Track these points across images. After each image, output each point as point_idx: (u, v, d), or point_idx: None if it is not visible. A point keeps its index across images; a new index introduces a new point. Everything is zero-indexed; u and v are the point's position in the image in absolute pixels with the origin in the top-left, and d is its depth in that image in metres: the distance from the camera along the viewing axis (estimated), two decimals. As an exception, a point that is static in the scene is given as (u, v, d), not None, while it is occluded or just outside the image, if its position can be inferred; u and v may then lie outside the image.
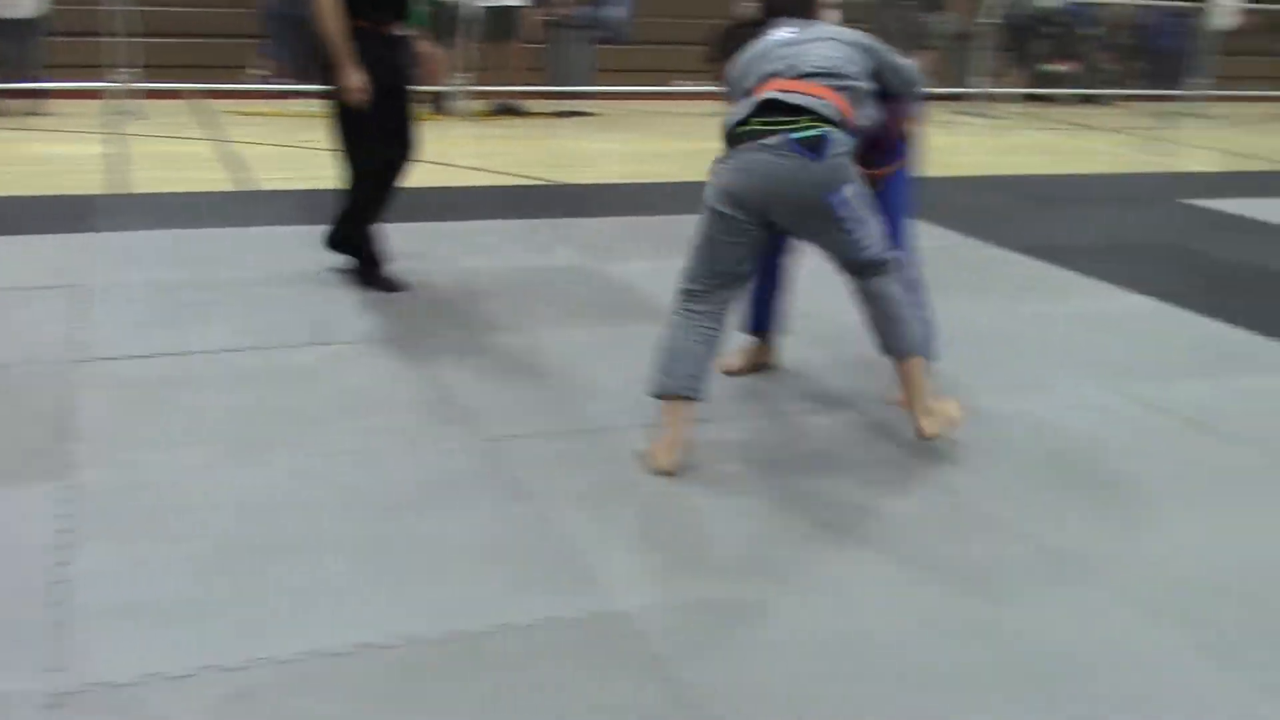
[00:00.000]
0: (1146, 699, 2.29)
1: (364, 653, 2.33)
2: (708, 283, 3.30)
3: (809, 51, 3.29)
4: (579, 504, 2.98)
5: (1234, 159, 9.61)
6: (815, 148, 3.14)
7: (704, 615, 2.51)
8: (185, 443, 3.25)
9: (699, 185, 3.40)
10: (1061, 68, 12.84)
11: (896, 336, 3.34)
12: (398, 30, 4.57)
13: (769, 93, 3.21)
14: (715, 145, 3.35)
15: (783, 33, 3.39)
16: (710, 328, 3.29)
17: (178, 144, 8.09)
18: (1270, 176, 8.69)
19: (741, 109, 3.25)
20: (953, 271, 5.37)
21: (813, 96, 3.18)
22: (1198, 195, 7.64)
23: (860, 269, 3.30)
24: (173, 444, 3.23)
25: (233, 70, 10.16)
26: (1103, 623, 2.56)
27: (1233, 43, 13.36)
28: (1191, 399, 3.90)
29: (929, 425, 3.32)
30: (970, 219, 6.45)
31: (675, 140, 9.35)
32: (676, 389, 3.24)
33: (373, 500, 2.96)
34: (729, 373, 3.89)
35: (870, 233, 3.27)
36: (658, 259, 5.40)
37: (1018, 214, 6.84)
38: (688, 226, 6.28)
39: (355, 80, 4.38)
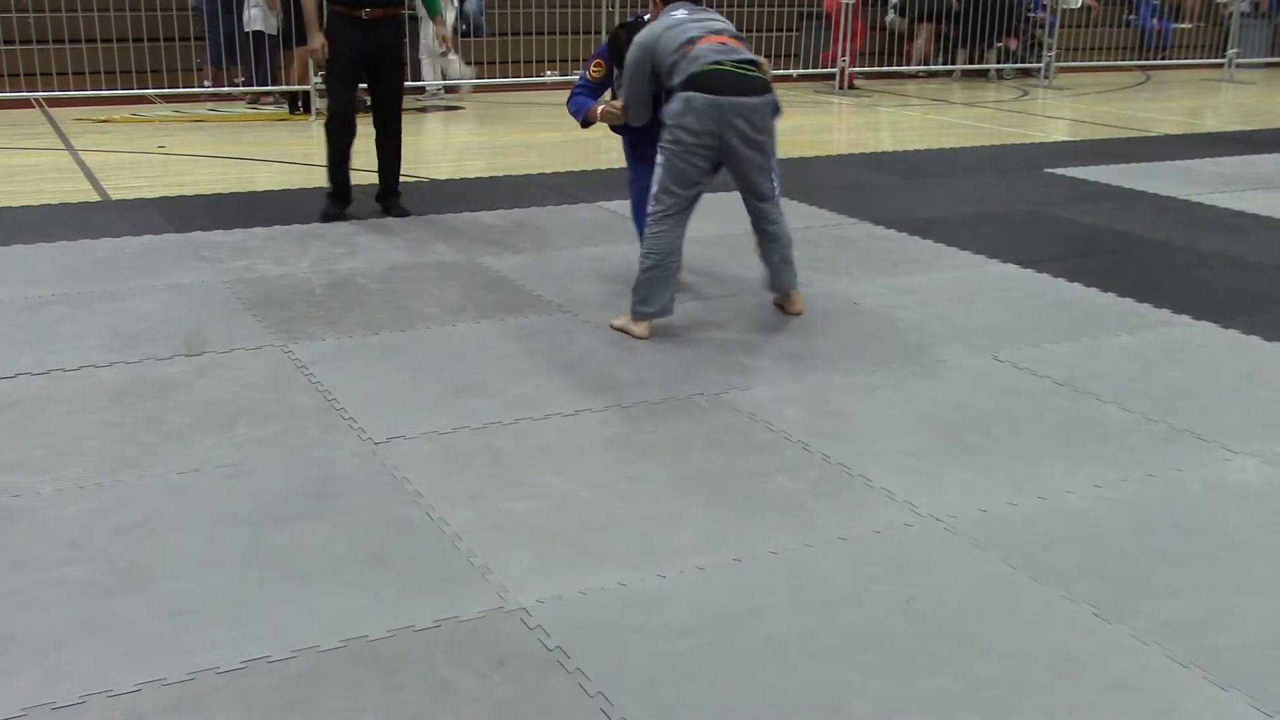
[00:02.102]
0: (1023, 651, 2.37)
1: (257, 667, 2.28)
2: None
3: (714, 19, 4.25)
4: (467, 502, 2.97)
5: (1085, 127, 9.95)
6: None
7: (601, 604, 2.52)
8: (54, 465, 3.13)
9: (569, 175, 3.40)
10: (1012, 44, 13.18)
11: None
12: (372, 15, 5.63)
13: (715, 44, 4.10)
14: (583, 134, 3.36)
15: (683, 13, 4.23)
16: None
17: (25, 155, 7.79)
18: (1118, 143, 9.02)
19: (701, 58, 4.06)
20: (829, 250, 5.47)
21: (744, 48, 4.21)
22: (1055, 164, 7.91)
23: (766, 198, 4.29)
24: (41, 467, 3.12)
25: (78, 77, 9.82)
26: (982, 582, 2.64)
27: (1074, 18, 13.93)
28: (1058, 360, 4.04)
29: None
30: (842, 197, 6.58)
31: (543, 131, 9.32)
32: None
33: (252, 513, 2.90)
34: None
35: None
36: (534, 251, 5.39)
37: (887, 190, 6.99)
38: (562, 217, 6.28)
39: (314, 43, 5.80)
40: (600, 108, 4.52)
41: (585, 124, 4.66)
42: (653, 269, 4.16)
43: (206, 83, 10.34)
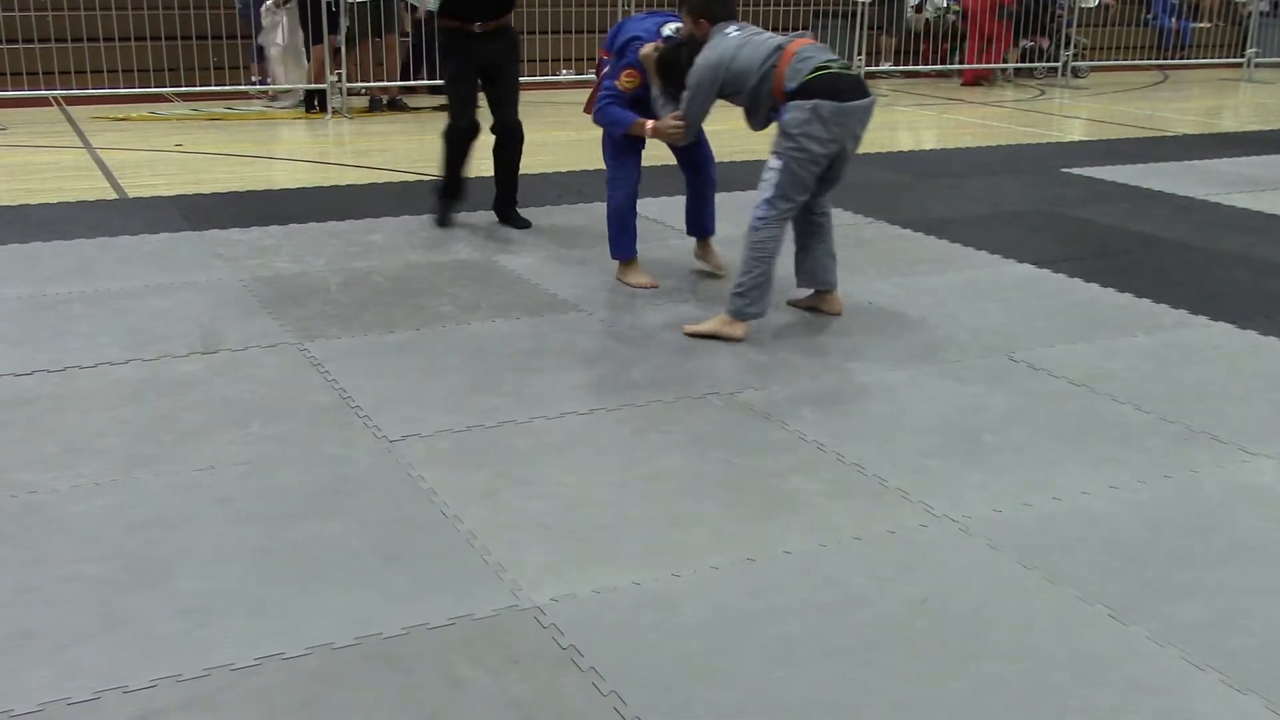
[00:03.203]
0: (1039, 653, 2.36)
1: (272, 664, 2.29)
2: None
3: (770, 34, 4.22)
4: (481, 500, 2.97)
5: (1102, 127, 9.91)
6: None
7: (615, 603, 2.52)
8: (70, 462, 3.15)
9: (585, 174, 3.40)
10: (1043, 44, 13.13)
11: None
12: (485, 28, 5.53)
13: (810, 45, 4.12)
14: (598, 133, 3.35)
15: (736, 30, 4.22)
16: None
17: (43, 153, 7.83)
18: (1135, 142, 8.98)
19: (811, 58, 4.06)
20: (845, 250, 5.44)
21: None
22: (1072, 164, 7.88)
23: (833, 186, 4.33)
24: (58, 464, 3.14)
25: (96, 75, 9.86)
26: (997, 583, 2.63)
27: (1091, 17, 13.89)
28: (1074, 361, 4.03)
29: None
30: (858, 197, 6.56)
31: (559, 130, 9.32)
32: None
33: (267, 511, 2.90)
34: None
35: None
36: (551, 249, 5.39)
37: (903, 190, 6.97)
38: (577, 216, 6.26)
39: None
40: (651, 124, 4.49)
41: (623, 135, 4.65)
42: (764, 273, 4.15)
43: (255, 79, 10.37)
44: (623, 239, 4.84)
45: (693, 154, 4.90)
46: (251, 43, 10.41)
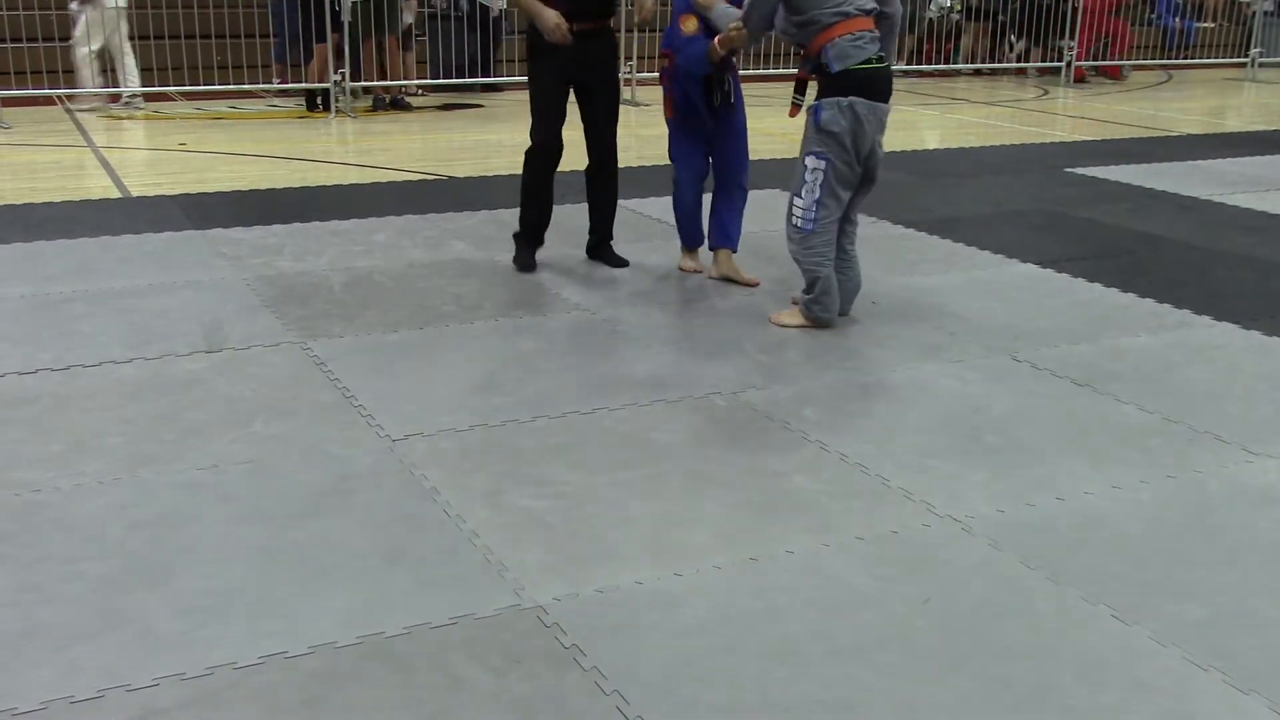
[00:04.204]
0: (1041, 653, 2.36)
1: (274, 663, 2.29)
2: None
3: None
4: (484, 500, 2.97)
5: (1106, 127, 9.90)
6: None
7: (617, 603, 2.52)
8: (73, 460, 3.15)
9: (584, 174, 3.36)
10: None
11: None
12: (583, 27, 4.76)
13: (867, 31, 4.08)
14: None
15: None
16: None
17: (46, 152, 7.83)
18: (1139, 142, 8.97)
19: (864, 49, 4.07)
20: (843, 248, 5.45)
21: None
22: (1075, 163, 7.87)
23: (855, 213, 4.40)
24: (61, 462, 3.14)
25: (101, 74, 9.86)
26: (1000, 583, 2.63)
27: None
28: (1077, 360, 4.02)
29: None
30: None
31: (564, 130, 9.32)
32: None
33: (269, 510, 2.90)
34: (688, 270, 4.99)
35: None
36: (553, 249, 5.39)
37: (906, 189, 6.96)
38: (581, 215, 6.28)
39: (549, 21, 4.68)
40: (715, 39, 4.49)
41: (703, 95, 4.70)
42: (826, 277, 4.23)
43: (276, 80, 10.35)
44: (690, 229, 5.00)
45: (725, 150, 4.85)
46: (271, 41, 10.40)
